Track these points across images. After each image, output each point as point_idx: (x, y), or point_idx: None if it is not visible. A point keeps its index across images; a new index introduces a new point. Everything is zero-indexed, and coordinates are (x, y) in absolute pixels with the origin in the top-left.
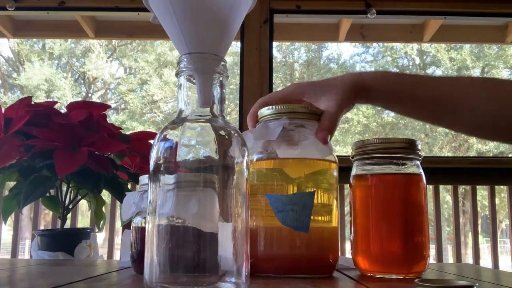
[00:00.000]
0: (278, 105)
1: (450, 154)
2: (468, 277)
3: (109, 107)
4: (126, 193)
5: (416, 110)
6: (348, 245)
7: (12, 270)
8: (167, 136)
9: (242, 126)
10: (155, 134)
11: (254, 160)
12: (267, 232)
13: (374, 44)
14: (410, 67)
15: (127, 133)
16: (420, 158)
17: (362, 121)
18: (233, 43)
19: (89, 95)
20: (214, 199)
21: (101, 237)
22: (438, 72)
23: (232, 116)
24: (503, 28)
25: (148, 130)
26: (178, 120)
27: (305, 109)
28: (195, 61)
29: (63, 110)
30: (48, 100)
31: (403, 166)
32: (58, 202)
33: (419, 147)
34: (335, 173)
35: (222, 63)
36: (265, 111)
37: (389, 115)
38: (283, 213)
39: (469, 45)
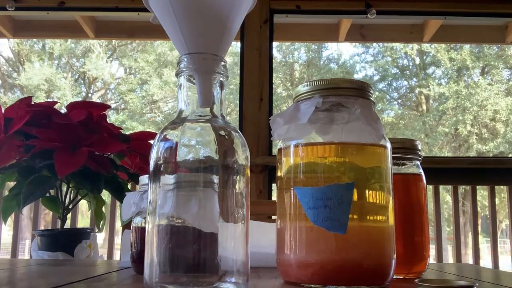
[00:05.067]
0: (316, 80)
1: (450, 154)
2: (468, 277)
3: (109, 107)
4: (126, 193)
5: None
6: None
7: (12, 270)
8: (167, 136)
9: (242, 126)
10: (155, 134)
11: (283, 147)
12: (296, 232)
13: (374, 44)
14: (410, 67)
15: (127, 133)
16: (420, 158)
17: None
18: (233, 43)
19: (89, 95)
20: (214, 199)
21: (101, 237)
22: (438, 72)
23: (232, 116)
24: (503, 28)
25: (148, 130)
26: (178, 120)
27: (347, 84)
28: (195, 61)
29: (63, 110)
30: (48, 100)
31: (403, 166)
32: (58, 202)
33: (419, 147)
34: (388, 160)
35: (222, 63)
36: (301, 88)
37: (389, 115)
38: (314, 210)
39: (469, 45)
